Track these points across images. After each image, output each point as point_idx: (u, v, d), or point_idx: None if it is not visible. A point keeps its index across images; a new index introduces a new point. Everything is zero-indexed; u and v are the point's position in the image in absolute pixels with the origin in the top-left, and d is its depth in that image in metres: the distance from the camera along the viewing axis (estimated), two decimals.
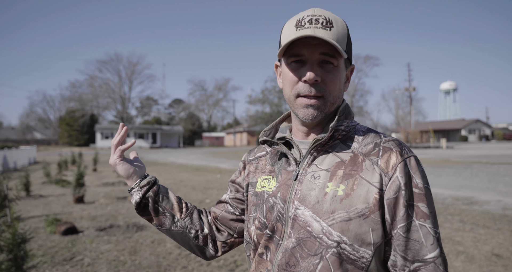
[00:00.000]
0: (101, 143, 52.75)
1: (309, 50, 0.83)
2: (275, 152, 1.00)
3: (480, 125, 63.26)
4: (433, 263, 0.78)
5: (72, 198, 7.93)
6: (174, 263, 4.01)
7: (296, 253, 0.82)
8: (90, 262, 4.05)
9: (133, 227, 5.58)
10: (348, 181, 0.82)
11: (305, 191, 0.85)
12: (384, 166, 0.82)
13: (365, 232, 0.79)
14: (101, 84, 54.89)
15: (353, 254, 0.78)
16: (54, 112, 68.82)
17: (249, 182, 1.02)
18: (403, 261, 0.79)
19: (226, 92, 74.86)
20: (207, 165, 18.86)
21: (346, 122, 0.89)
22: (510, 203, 7.21)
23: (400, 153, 0.83)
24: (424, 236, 0.79)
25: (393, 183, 0.80)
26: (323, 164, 0.87)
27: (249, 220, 0.97)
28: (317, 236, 0.80)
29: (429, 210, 0.80)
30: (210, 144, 61.67)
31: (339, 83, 0.87)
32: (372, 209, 0.79)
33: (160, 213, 1.04)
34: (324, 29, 0.81)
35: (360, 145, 0.87)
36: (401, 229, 0.79)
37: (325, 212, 0.81)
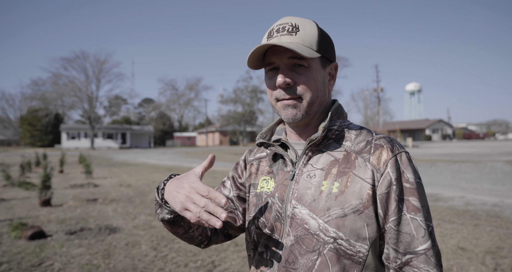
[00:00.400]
0: (67, 144, 50.60)
1: (278, 57, 0.88)
2: (272, 154, 1.03)
3: (442, 125, 66.45)
4: (424, 255, 0.80)
5: (38, 201, 7.56)
6: (150, 265, 3.93)
7: (294, 251, 0.85)
8: (61, 267, 3.89)
9: (106, 229, 5.41)
10: (342, 179, 0.85)
11: (301, 190, 0.88)
12: (375, 162, 0.85)
13: (360, 227, 0.81)
14: (66, 82, 52.64)
15: (349, 249, 0.81)
16: (14, 111, 65.38)
17: (251, 183, 1.04)
18: (395, 253, 0.82)
19: (197, 91, 74.14)
20: (180, 165, 18.58)
21: (339, 122, 0.93)
22: (472, 199, 7.63)
23: (391, 149, 0.86)
24: (415, 228, 0.81)
25: (385, 178, 0.83)
26: (318, 163, 0.90)
27: (250, 220, 0.99)
28: (314, 233, 0.83)
29: (420, 204, 0.83)
30: (181, 144, 60.77)
31: (314, 82, 0.89)
32: (366, 204, 0.82)
33: (179, 226, 1.00)
34: (289, 35, 0.86)
35: (353, 143, 0.90)
36: (393, 222, 0.82)
37: (321, 209, 0.84)
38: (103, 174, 14.29)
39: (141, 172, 15.23)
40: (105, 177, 13.18)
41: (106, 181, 11.91)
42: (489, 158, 19.93)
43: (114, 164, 19.95)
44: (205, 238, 1.06)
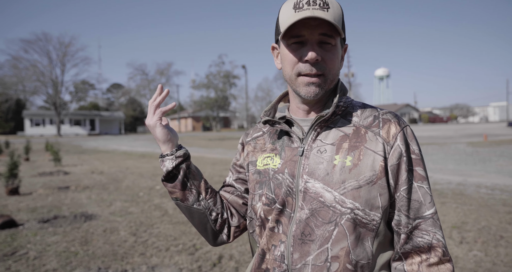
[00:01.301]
0: (31, 131, 48.28)
1: (309, 31, 0.87)
2: (274, 131, 1.03)
3: (409, 109, 68.96)
4: (432, 218, 0.88)
5: (4, 189, 7.22)
6: (131, 250, 3.90)
7: (310, 223, 0.88)
8: (37, 255, 3.77)
9: (81, 217, 5.27)
10: (354, 152, 0.89)
11: (313, 165, 0.90)
12: (385, 136, 0.89)
13: (374, 197, 0.86)
14: (27, 66, 49.77)
15: (365, 218, 0.86)
16: None
17: (249, 161, 1.05)
18: (406, 219, 0.88)
19: (168, 77, 72.20)
20: (153, 151, 18.27)
21: (344, 98, 0.95)
22: (439, 179, 8.05)
23: (398, 123, 0.91)
24: (422, 195, 0.88)
25: (395, 150, 0.88)
26: (328, 139, 0.92)
27: (254, 198, 0.99)
28: (330, 205, 0.86)
29: (425, 173, 0.90)
30: None
31: (337, 61, 0.92)
32: (379, 175, 0.87)
33: (187, 188, 1.01)
34: (322, 10, 0.85)
35: (360, 118, 0.94)
36: (404, 191, 0.88)
37: (336, 182, 0.87)
38: (73, 161, 13.82)
39: (113, 158, 14.86)
40: (75, 164, 12.76)
41: (76, 168, 11.53)
42: (453, 140, 21.00)
43: (84, 151, 19.31)
44: (221, 217, 1.05)
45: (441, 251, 0.86)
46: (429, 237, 0.87)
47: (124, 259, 3.64)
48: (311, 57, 0.86)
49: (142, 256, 3.72)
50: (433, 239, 0.86)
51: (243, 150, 1.11)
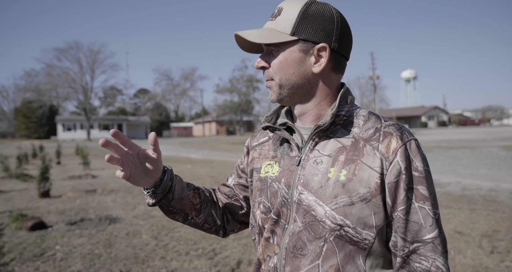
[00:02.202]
0: (63, 135, 50.38)
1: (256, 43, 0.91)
2: (277, 137, 1.01)
3: (438, 112, 66.70)
4: (432, 243, 0.81)
5: (36, 192, 7.56)
6: (151, 254, 3.96)
7: (303, 237, 0.85)
8: (63, 257, 3.91)
9: (106, 219, 5.43)
10: (350, 166, 0.84)
11: (308, 176, 0.87)
12: (384, 151, 0.83)
13: (367, 215, 0.81)
14: (60, 73, 52.08)
15: (356, 236, 0.81)
16: (9, 103, 64.82)
17: (254, 168, 1.03)
18: (402, 242, 0.82)
19: (193, 81, 73.61)
20: (177, 155, 18.58)
21: (347, 107, 0.90)
22: (468, 184, 7.72)
23: (400, 137, 0.84)
24: (423, 217, 0.81)
25: (394, 167, 0.82)
26: (325, 150, 0.88)
27: (254, 205, 0.99)
28: (321, 220, 0.83)
29: (428, 192, 0.82)
30: (178, 134, 60.68)
31: (284, 65, 0.87)
32: (374, 193, 0.81)
33: (173, 213, 1.01)
34: (271, 20, 0.89)
35: (361, 129, 0.88)
36: (401, 211, 0.81)
37: (328, 196, 0.83)
38: (101, 165, 14.27)
39: None
40: (102, 168, 13.17)
41: (104, 172, 11.90)
42: (485, 143, 20.09)
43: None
44: (214, 226, 1.07)
45: None
46: (427, 263, 0.80)
47: (145, 262, 3.71)
48: (255, 66, 0.91)
49: (163, 260, 3.77)
50: (431, 266, 0.80)
51: (247, 153, 1.08)
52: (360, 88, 73.88)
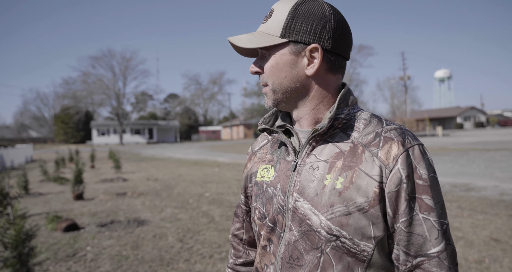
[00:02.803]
0: (98, 140, 52.52)
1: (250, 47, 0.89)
2: (275, 140, 0.98)
3: (475, 112, 63.62)
4: (437, 258, 0.75)
5: (71, 195, 7.92)
6: (176, 256, 4.04)
7: (299, 247, 0.81)
8: (93, 258, 4.06)
9: (134, 222, 5.59)
10: (347, 173, 0.79)
11: (304, 183, 0.83)
12: (384, 158, 0.78)
13: (365, 226, 0.77)
14: (94, 80, 54.46)
15: (353, 247, 0.77)
16: (49, 110, 68.37)
17: (252, 172, 1.00)
18: (405, 256, 0.77)
19: (221, 85, 74.55)
20: (205, 159, 18.86)
21: (347, 109, 0.85)
22: (507, 188, 7.29)
23: (402, 143, 0.78)
24: (428, 230, 0.75)
25: (394, 175, 0.76)
26: (322, 155, 0.84)
27: (253, 210, 0.96)
28: (316, 230, 0.79)
29: (434, 202, 0.76)
30: (207, 138, 61.59)
31: (276, 69, 0.84)
32: (372, 203, 0.77)
33: None
34: (263, 23, 0.86)
35: (360, 134, 0.83)
36: (403, 223, 0.76)
37: (324, 205, 0.79)
38: (132, 169, 14.74)
39: (168, 166, 15.59)
40: (133, 172, 13.60)
41: (134, 175, 12.28)
42: None
43: (142, 159, 20.53)
44: None
45: None
46: None
47: (170, 265, 3.78)
48: (250, 71, 0.89)
49: (187, 263, 3.83)
50: None
51: (250, 159, 1.04)
52: (391, 89, 71.87)
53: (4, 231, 2.59)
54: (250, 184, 1.01)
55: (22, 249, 2.56)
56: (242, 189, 1.06)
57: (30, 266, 2.65)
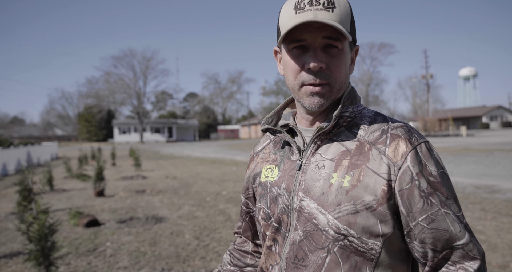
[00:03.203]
0: (119, 138, 53.77)
1: (312, 35, 0.77)
2: (278, 140, 0.97)
3: (502, 112, 61.31)
4: (462, 249, 0.76)
5: (93, 191, 8.14)
6: (192, 253, 4.09)
7: (304, 247, 0.81)
8: (112, 253, 4.17)
9: (152, 219, 5.70)
10: (354, 172, 0.78)
11: (309, 182, 0.82)
12: (392, 155, 0.77)
13: (373, 224, 0.76)
14: (116, 80, 55.79)
15: (361, 246, 0.77)
16: (73, 108, 70.44)
17: (256, 173, 0.99)
18: (432, 253, 0.77)
19: (239, 84, 74.84)
20: (223, 157, 18.99)
21: (352, 108, 0.84)
22: None
23: (409, 141, 0.78)
24: (451, 224, 0.76)
25: (404, 173, 0.76)
26: (328, 153, 0.83)
27: (257, 211, 0.95)
28: (323, 229, 0.78)
29: (448, 197, 0.77)
30: (225, 137, 62.01)
31: (345, 68, 0.81)
32: (380, 201, 0.76)
33: None
34: (326, 10, 0.75)
35: (366, 132, 0.82)
36: (424, 221, 0.76)
37: (331, 204, 0.78)
38: (151, 167, 15.02)
39: (186, 164, 15.79)
40: (152, 169, 13.84)
41: (153, 173, 12.51)
42: None
43: (161, 157, 20.88)
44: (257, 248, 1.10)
45: None
46: (461, 270, 0.76)
47: (186, 262, 3.84)
48: (313, 66, 0.77)
49: (203, 260, 3.88)
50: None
51: (252, 160, 1.04)
52: (412, 88, 70.29)
53: (28, 225, 2.69)
54: (253, 184, 1.00)
55: (44, 243, 2.65)
56: (243, 189, 1.06)
57: (52, 260, 2.75)
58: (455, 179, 8.98)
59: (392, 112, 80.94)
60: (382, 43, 60.94)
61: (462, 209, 0.79)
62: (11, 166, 14.47)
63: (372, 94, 64.32)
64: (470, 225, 4.85)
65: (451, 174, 9.77)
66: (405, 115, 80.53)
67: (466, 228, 0.77)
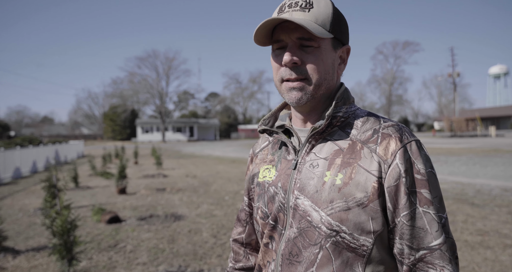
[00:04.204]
0: (142, 137, 54.98)
1: (287, 34, 0.83)
2: (276, 141, 1.00)
3: None
4: (439, 250, 0.77)
5: (115, 189, 8.38)
6: (209, 251, 4.15)
7: (298, 243, 0.83)
8: (132, 249, 4.29)
9: (171, 217, 5.81)
10: (346, 170, 0.81)
11: (304, 180, 0.85)
12: (382, 153, 0.80)
13: (365, 221, 0.78)
14: (140, 80, 56.99)
15: (353, 242, 0.79)
16: (99, 108, 72.55)
17: (254, 173, 1.02)
18: (408, 249, 0.79)
19: (260, 84, 74.91)
20: (243, 157, 19.08)
21: (345, 108, 0.87)
22: None
23: (399, 139, 0.81)
24: (428, 223, 0.78)
25: (393, 170, 0.78)
26: (322, 152, 0.86)
27: (255, 210, 0.98)
28: (316, 226, 0.81)
29: (432, 196, 0.79)
30: (246, 136, 62.22)
31: (322, 64, 0.84)
32: (371, 198, 0.78)
33: None
34: (302, 11, 0.81)
35: (359, 131, 0.85)
36: (405, 217, 0.78)
37: (324, 201, 0.80)
38: (172, 165, 15.28)
39: (207, 163, 15.97)
40: (173, 168, 14.09)
41: (174, 172, 12.73)
42: None
43: (182, 156, 21.20)
44: None
45: None
46: (435, 271, 0.77)
47: (203, 259, 3.90)
48: (285, 60, 0.81)
49: (219, 258, 3.93)
50: None
51: (251, 161, 1.07)
52: (438, 87, 68.23)
53: (52, 220, 2.81)
54: (252, 185, 1.03)
55: (67, 238, 2.77)
56: (245, 191, 1.08)
57: (74, 254, 2.86)
58: (480, 181, 8.67)
59: (417, 112, 78.78)
60: (407, 41, 59.54)
61: (446, 210, 0.80)
62: (40, 164, 15.08)
63: (395, 93, 62.86)
64: (495, 228, 4.69)
65: (477, 176, 9.44)
66: (430, 115, 78.27)
67: (443, 229, 0.78)
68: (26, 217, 6.19)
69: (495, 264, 3.58)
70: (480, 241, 4.26)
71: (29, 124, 75.73)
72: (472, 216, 5.38)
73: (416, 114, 79.50)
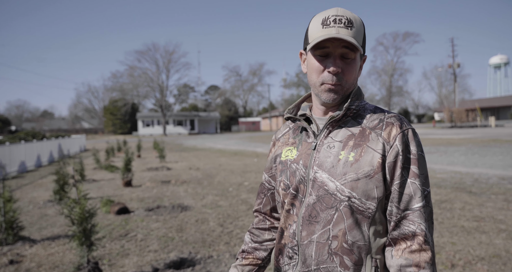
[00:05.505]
0: (143, 131, 55.11)
1: (333, 45, 1.02)
2: (297, 127, 1.20)
3: None
4: (419, 211, 0.99)
5: (121, 182, 8.56)
6: (217, 239, 4.34)
7: (316, 207, 1.04)
8: (143, 238, 4.48)
9: (178, 207, 6.00)
10: (357, 150, 1.03)
11: (322, 158, 1.06)
12: (386, 137, 1.02)
13: (371, 189, 1.00)
14: (140, 73, 56.85)
15: (361, 206, 1.00)
16: (99, 102, 72.61)
17: (277, 154, 1.22)
18: (396, 209, 1.01)
19: (260, 77, 74.72)
20: (245, 149, 19.26)
21: (357, 102, 1.10)
22: None
23: (399, 126, 1.04)
24: (413, 191, 1.00)
25: (393, 149, 1.01)
26: (337, 137, 1.07)
27: (277, 183, 1.17)
28: (333, 193, 1.02)
29: (419, 172, 1.01)
30: (246, 129, 62.36)
31: (354, 72, 1.06)
32: (376, 170, 1.00)
33: None
34: (346, 28, 1.01)
35: (368, 120, 1.08)
36: (397, 185, 1.01)
37: (339, 174, 1.02)
38: (175, 158, 15.46)
39: (209, 156, 16.15)
40: (176, 161, 14.27)
41: (177, 165, 12.91)
42: None
43: (184, 149, 21.38)
44: None
45: (422, 239, 0.98)
46: (414, 226, 0.99)
47: (211, 246, 4.08)
48: (333, 70, 1.02)
49: (227, 245, 4.11)
50: (417, 228, 0.98)
51: (274, 145, 1.27)
52: (438, 78, 68.03)
53: (71, 209, 2.98)
54: (274, 164, 1.23)
55: (86, 225, 2.94)
56: (267, 170, 1.28)
57: (92, 241, 3.04)
58: (479, 170, 8.84)
59: (417, 103, 78.70)
60: (407, 32, 59.19)
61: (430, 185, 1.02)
62: (44, 158, 15.27)
63: (396, 85, 62.77)
64: (491, 215, 4.86)
65: (475, 166, 9.61)
66: (431, 106, 78.21)
67: (425, 198, 1.00)
68: (36, 209, 6.38)
69: (489, 247, 3.76)
70: (476, 226, 4.45)
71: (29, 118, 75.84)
72: (470, 204, 5.56)
73: (417, 106, 79.48)
